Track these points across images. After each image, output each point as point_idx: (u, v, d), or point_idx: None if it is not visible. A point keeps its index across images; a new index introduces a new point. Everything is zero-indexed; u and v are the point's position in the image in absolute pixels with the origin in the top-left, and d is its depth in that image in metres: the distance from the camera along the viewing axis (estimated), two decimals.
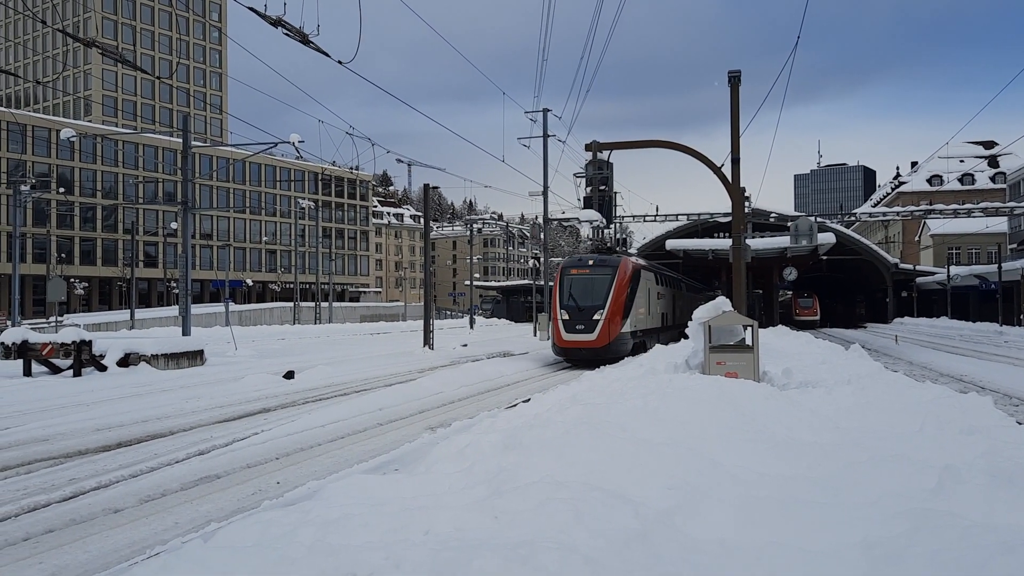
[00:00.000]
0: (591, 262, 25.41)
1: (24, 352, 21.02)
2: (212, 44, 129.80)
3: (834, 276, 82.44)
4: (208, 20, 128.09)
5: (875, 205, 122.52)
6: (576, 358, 24.95)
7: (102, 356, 21.58)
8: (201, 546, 4.83)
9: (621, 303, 24.57)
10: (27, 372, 21.06)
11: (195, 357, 24.34)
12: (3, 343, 21.17)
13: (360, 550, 4.51)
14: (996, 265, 62.80)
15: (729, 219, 26.46)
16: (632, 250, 60.66)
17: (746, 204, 27.02)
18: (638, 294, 26.15)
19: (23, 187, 47.61)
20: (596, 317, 24.07)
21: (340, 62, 15.71)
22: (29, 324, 49.47)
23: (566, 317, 24.46)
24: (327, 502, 5.72)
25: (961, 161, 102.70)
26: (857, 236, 73.62)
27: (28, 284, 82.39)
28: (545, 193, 40.04)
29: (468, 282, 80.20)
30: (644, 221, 63.88)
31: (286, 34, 14.40)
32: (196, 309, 62.19)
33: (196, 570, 4.36)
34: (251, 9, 13.97)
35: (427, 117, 23.92)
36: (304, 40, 14.65)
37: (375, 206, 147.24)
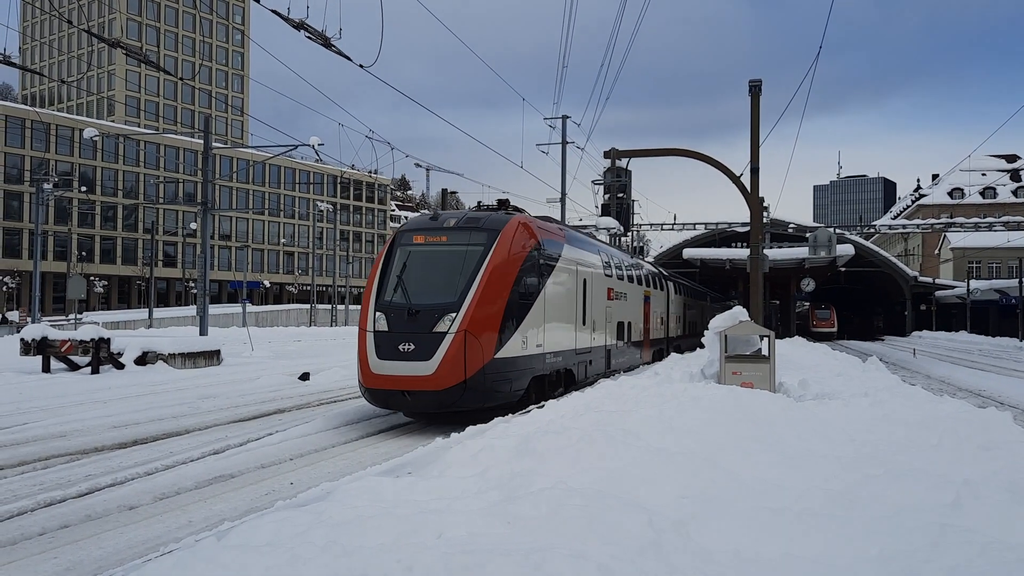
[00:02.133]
0: (452, 222, 13.96)
1: (43, 349, 21.21)
2: (234, 46, 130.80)
3: (852, 288, 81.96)
4: (231, 23, 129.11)
5: (895, 217, 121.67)
6: (399, 407, 12.97)
7: (120, 354, 21.75)
8: (215, 544, 4.85)
9: (501, 302, 13.01)
10: (46, 368, 21.25)
11: (212, 357, 24.47)
12: (23, 339, 21.37)
13: (373, 552, 4.51)
14: (1017, 280, 62.19)
15: (747, 229, 25.98)
16: (649, 258, 60.30)
17: (764, 214, 26.64)
18: (550, 288, 14.96)
19: (46, 185, 48.12)
20: (440, 328, 12.40)
21: (361, 66, 15.78)
22: (49, 321, 49.97)
23: (383, 326, 12.71)
24: (340, 503, 5.73)
25: (983, 174, 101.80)
26: (876, 248, 73.20)
27: (48, 281, 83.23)
28: (563, 200, 40.01)
29: None
30: (662, 229, 63.65)
31: (308, 37, 14.48)
32: (214, 309, 62.62)
33: (209, 568, 4.38)
34: (274, 12, 14.07)
35: (446, 122, 23.91)
36: (326, 43, 14.72)
37: (393, 210, 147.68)
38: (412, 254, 13.65)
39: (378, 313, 12.87)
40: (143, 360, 22.12)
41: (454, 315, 12.44)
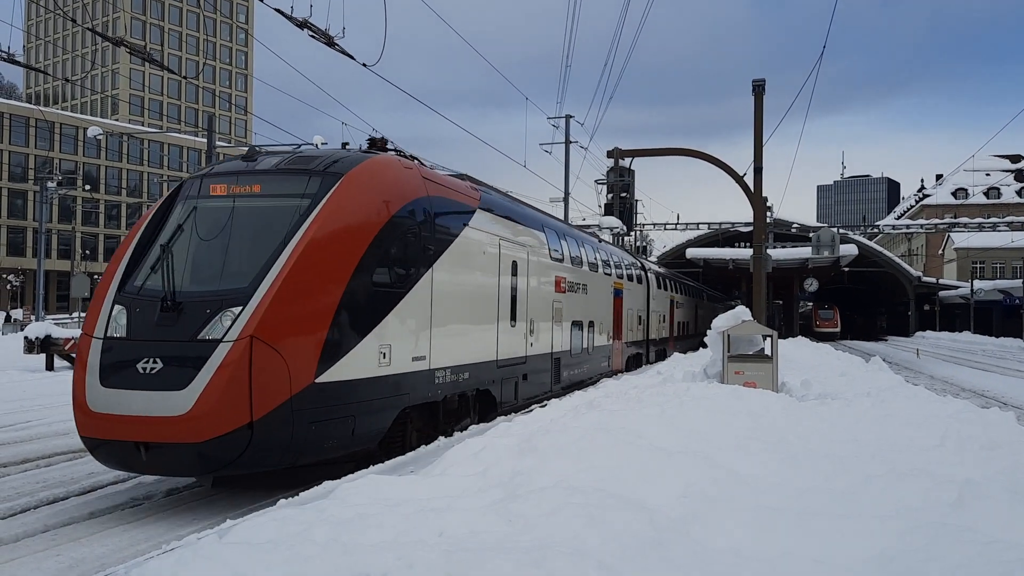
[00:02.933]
0: (273, 163, 9.23)
1: (47, 347, 21.26)
2: (238, 45, 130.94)
3: (855, 288, 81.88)
4: (235, 22, 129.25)
5: (899, 218, 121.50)
6: (136, 468, 7.63)
7: None
8: (216, 542, 4.86)
9: (333, 289, 8.32)
10: (49, 367, 21.30)
11: None
12: (27, 338, 21.42)
13: (374, 549, 4.52)
14: (1021, 280, 62.14)
15: (750, 229, 25.86)
16: (652, 258, 60.14)
17: (768, 214, 26.64)
18: (446, 270, 10.52)
19: (50, 184, 48.20)
20: (211, 333, 7.58)
21: (365, 64, 15.79)
22: (52, 319, 50.07)
23: (119, 330, 7.87)
24: (342, 501, 5.74)
25: (987, 174, 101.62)
26: (880, 248, 73.13)
27: (52, 280, 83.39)
28: (566, 199, 39.99)
29: None
30: (665, 229, 63.65)
31: (312, 36, 14.49)
32: None
33: (211, 566, 4.38)
34: (278, 11, 14.08)
35: (450, 121, 23.86)
36: (329, 42, 14.73)
37: None
38: (198, 212, 8.71)
39: (116, 307, 7.96)
40: None
41: (237, 311, 7.57)
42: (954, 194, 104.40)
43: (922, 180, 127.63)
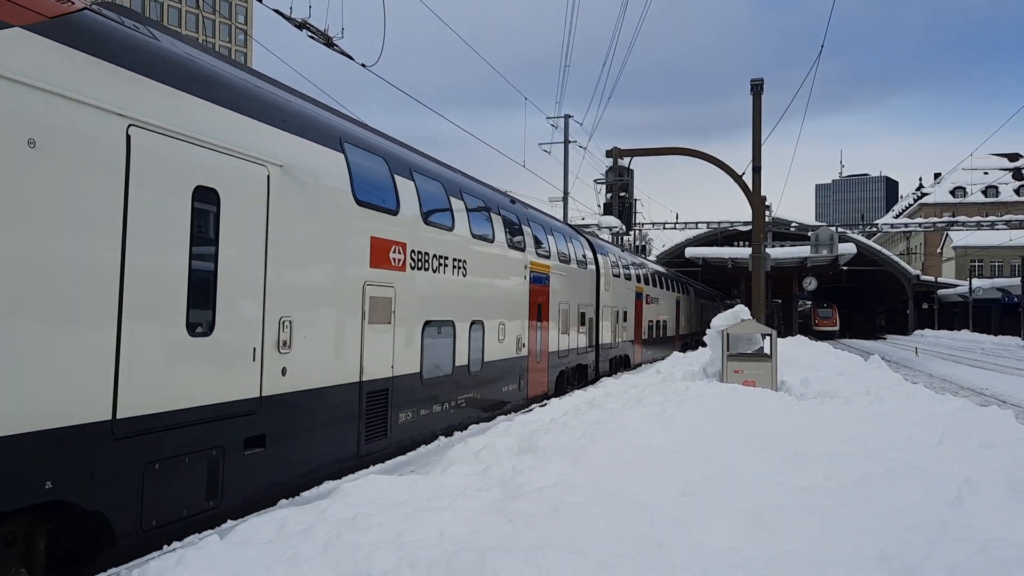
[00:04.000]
0: None
1: None
2: (237, 46, 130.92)
3: (854, 287, 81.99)
4: (234, 22, 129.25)
5: (897, 216, 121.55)
6: None
7: None
8: (217, 542, 4.86)
9: None
10: None
11: None
12: None
13: (375, 549, 4.53)
14: (1019, 278, 62.23)
15: (749, 228, 25.91)
16: (651, 257, 60.17)
17: (767, 213, 26.67)
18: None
19: None
20: None
21: (364, 65, 15.80)
22: None
23: None
24: (343, 501, 5.75)
25: (985, 173, 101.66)
26: (878, 247, 73.18)
27: None
28: (565, 199, 40.02)
29: None
30: (664, 228, 63.63)
31: (311, 37, 14.50)
32: None
33: (212, 566, 4.40)
34: (276, 11, 14.09)
35: (449, 121, 23.84)
36: (328, 43, 14.75)
37: None
38: None
39: None
40: None
41: None
42: (952, 193, 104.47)
43: (920, 179, 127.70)
